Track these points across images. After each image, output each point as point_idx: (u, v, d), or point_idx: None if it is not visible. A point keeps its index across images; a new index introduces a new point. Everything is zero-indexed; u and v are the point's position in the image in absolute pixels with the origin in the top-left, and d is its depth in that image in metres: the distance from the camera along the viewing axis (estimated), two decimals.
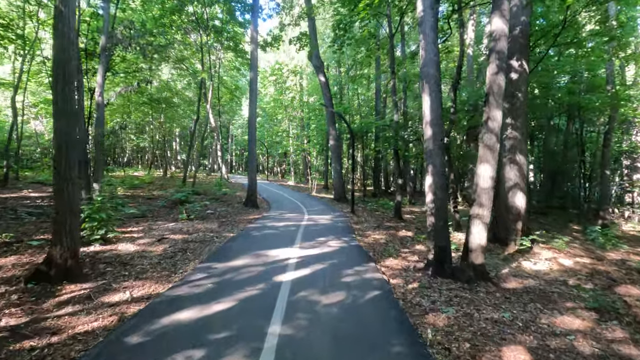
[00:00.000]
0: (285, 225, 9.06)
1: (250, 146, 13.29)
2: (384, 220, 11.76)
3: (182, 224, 8.41)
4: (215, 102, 22.67)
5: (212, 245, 6.35)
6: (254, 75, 13.22)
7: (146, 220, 8.89)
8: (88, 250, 5.59)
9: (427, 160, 5.76)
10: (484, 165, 5.28)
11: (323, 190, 24.96)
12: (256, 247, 6.28)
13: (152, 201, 12.96)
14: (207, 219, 9.45)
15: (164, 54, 18.97)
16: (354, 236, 8.27)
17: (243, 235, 7.54)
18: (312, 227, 9.14)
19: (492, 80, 5.34)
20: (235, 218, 10.12)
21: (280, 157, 46.27)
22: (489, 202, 5.32)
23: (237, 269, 4.92)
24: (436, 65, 5.75)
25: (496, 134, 5.28)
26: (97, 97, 6.67)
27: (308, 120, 31.26)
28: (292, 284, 4.33)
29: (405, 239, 8.65)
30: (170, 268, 4.94)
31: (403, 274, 5.49)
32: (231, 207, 12.68)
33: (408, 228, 10.48)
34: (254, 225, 8.91)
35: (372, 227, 10.19)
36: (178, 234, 7.04)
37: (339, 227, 9.55)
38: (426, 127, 5.75)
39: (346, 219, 11.35)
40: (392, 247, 7.46)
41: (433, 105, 5.67)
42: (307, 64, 33.30)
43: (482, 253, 5.36)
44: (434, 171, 5.64)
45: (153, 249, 5.86)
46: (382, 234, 8.99)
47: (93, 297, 3.75)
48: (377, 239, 8.32)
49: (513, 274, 6.24)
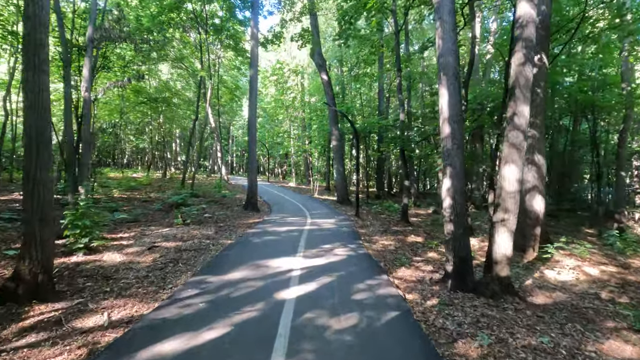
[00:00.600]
0: (287, 231, 8.51)
1: (251, 147, 12.76)
2: (391, 224, 11.19)
3: (176, 229, 7.86)
4: (215, 102, 22.15)
5: (208, 255, 5.79)
6: (254, 73, 12.69)
7: (139, 225, 8.35)
8: (69, 261, 5.04)
9: (445, 161, 5.20)
10: (509, 166, 4.72)
11: (325, 192, 24.41)
12: (256, 256, 5.72)
13: (148, 204, 12.43)
14: (204, 224, 8.90)
15: (162, 53, 18.51)
16: (361, 242, 7.71)
17: (242, 242, 6.98)
18: (316, 232, 8.58)
19: (518, 71, 4.79)
20: (234, 222, 9.56)
21: (281, 158, 45.75)
22: (515, 208, 4.76)
23: (234, 284, 4.36)
24: (455, 55, 5.20)
25: (523, 131, 4.72)
26: (83, 93, 6.16)
27: (309, 120, 30.73)
28: (297, 303, 3.78)
29: (415, 245, 8.08)
30: (159, 282, 4.39)
31: (419, 287, 4.92)
32: (230, 211, 12.13)
33: (417, 233, 9.91)
34: (254, 231, 8.35)
35: (379, 231, 9.63)
36: (171, 241, 6.49)
37: (344, 232, 8.99)
38: (444, 124, 5.19)
39: (351, 222, 10.79)
40: (403, 255, 6.89)
41: (451, 99, 5.11)
42: (308, 63, 32.80)
43: (508, 264, 4.79)
44: (452, 173, 5.08)
45: (142, 259, 5.31)
46: (391, 240, 8.43)
47: (64, 321, 3.20)
48: (386, 245, 7.76)
49: (538, 285, 5.67)
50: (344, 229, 9.47)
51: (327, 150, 27.59)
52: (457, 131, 5.11)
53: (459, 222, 5.04)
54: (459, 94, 5.19)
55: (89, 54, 6.15)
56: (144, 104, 18.38)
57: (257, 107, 40.43)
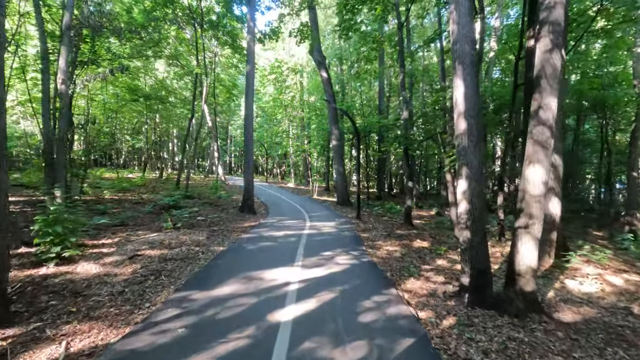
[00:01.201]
0: (284, 236, 7.93)
1: (247, 146, 12.18)
2: (394, 227, 10.64)
3: (165, 234, 7.28)
4: (212, 101, 21.56)
5: (196, 265, 5.21)
6: (250, 70, 12.12)
7: (125, 229, 7.76)
8: (37, 273, 4.46)
9: (460, 160, 4.64)
10: (534, 166, 4.17)
11: (324, 193, 23.85)
12: (249, 267, 5.15)
13: (140, 206, 11.84)
14: (196, 228, 8.32)
15: (156, 50, 17.94)
16: (364, 249, 7.15)
17: (234, 249, 6.40)
18: (316, 237, 8.01)
19: (545, 59, 4.23)
20: (229, 226, 8.99)
21: (280, 159, 45.16)
22: (541, 213, 4.21)
23: (222, 301, 3.79)
24: (471, 42, 4.64)
25: (550, 126, 4.16)
26: (59, 85, 5.59)
27: (308, 120, 30.17)
28: (294, 327, 3.21)
29: (422, 251, 7.52)
30: (135, 300, 3.81)
31: (432, 303, 4.36)
32: (225, 213, 11.55)
33: (422, 237, 9.35)
34: (249, 236, 7.77)
35: (382, 235, 9.07)
36: (156, 249, 5.90)
37: (346, 236, 8.42)
38: (459, 119, 4.63)
39: (352, 226, 10.23)
40: (410, 262, 6.33)
41: (468, 91, 4.55)
42: (307, 61, 32.26)
43: (533, 277, 4.23)
44: (469, 174, 4.52)
45: (120, 270, 4.73)
46: (395, 245, 7.87)
47: (8, 356, 2.62)
48: (391, 251, 7.20)
49: (562, 298, 5.12)
50: (345, 233, 8.90)
51: (326, 150, 27.04)
52: (474, 127, 4.55)
53: (476, 228, 4.48)
54: (476, 86, 4.64)
55: (66, 43, 5.59)
56: (136, 101, 17.76)
57: (254, 105, 39.80)
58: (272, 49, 32.69)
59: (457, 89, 4.66)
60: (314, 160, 31.22)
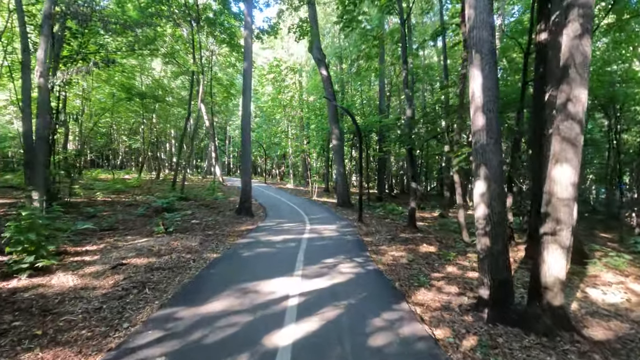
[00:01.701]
0: (283, 240, 7.47)
1: (244, 145, 11.71)
2: (398, 230, 10.18)
3: (155, 239, 6.80)
4: (209, 100, 21.10)
5: (185, 275, 4.74)
6: (247, 66, 11.66)
7: (114, 234, 7.28)
8: (6, 286, 3.98)
9: (477, 159, 4.19)
10: (561, 166, 3.72)
11: (324, 194, 23.40)
12: (244, 277, 4.68)
13: (133, 208, 11.36)
14: (189, 232, 7.84)
15: (152, 47, 17.47)
16: (368, 254, 6.69)
17: (229, 256, 5.93)
18: (316, 241, 7.55)
19: (573, 46, 3.78)
20: (224, 230, 8.51)
21: (278, 159, 44.70)
22: (570, 219, 3.76)
23: (212, 320, 3.32)
24: (490, 28, 4.20)
25: (580, 121, 3.71)
26: (37, 79, 5.12)
27: (308, 120, 29.74)
28: (294, 354, 2.75)
29: (429, 257, 7.07)
30: (113, 319, 3.34)
31: (447, 319, 3.91)
32: (221, 216, 11.07)
33: (428, 240, 8.89)
34: (245, 241, 7.30)
35: (386, 239, 8.62)
36: (144, 257, 5.43)
37: (348, 240, 7.96)
38: (476, 113, 4.18)
39: (354, 229, 9.78)
40: (418, 270, 5.87)
41: (487, 82, 4.11)
42: (306, 60, 31.85)
43: (562, 290, 3.78)
44: (488, 175, 4.07)
45: (100, 282, 4.26)
46: (401, 250, 7.42)
47: None
48: (397, 257, 6.74)
49: (588, 311, 4.67)
50: (347, 237, 8.44)
51: (325, 150, 26.61)
52: (493, 122, 4.10)
53: (496, 235, 4.03)
54: (495, 76, 4.19)
55: (46, 32, 5.12)
56: (131, 100, 17.28)
57: (252, 105, 39.34)
58: (270, 48, 32.26)
59: (474, 80, 4.21)
60: (313, 161, 30.78)
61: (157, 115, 31.97)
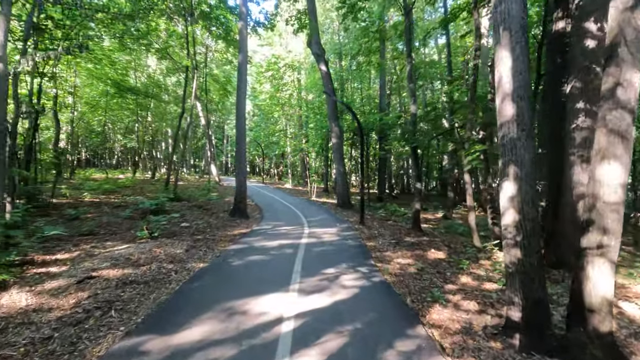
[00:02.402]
0: (279, 246, 6.81)
1: (239, 143, 11.04)
2: (402, 233, 9.54)
3: (137, 246, 6.14)
4: (204, 97, 20.41)
5: (163, 290, 4.09)
6: (242, 59, 11.00)
7: (92, 240, 6.62)
8: None
9: (506, 156, 3.56)
10: (609, 164, 3.08)
11: (323, 194, 22.76)
12: (231, 292, 4.04)
13: (121, 209, 10.70)
14: (176, 237, 7.19)
15: (144, 42, 16.81)
16: (373, 262, 6.05)
17: (217, 265, 5.28)
18: (315, 247, 6.90)
19: (624, 20, 3.14)
20: (216, 234, 7.86)
21: (277, 159, 44.02)
22: (619, 227, 3.12)
23: (186, 355, 2.67)
24: (522, 3, 3.56)
25: (632, 110, 3.07)
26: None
27: (306, 118, 29.08)
28: None
29: (440, 264, 6.43)
30: (62, 354, 2.68)
31: (471, 346, 3.27)
32: (214, 218, 10.41)
33: (435, 245, 8.25)
34: (237, 247, 6.64)
35: (391, 244, 7.98)
36: (119, 268, 4.77)
37: (350, 246, 7.32)
38: (504, 102, 3.55)
39: (356, 232, 9.14)
40: (430, 281, 5.24)
41: (517, 65, 3.47)
42: (305, 57, 31.18)
43: (610, 313, 3.15)
44: (519, 174, 3.44)
45: (59, 302, 3.60)
46: (408, 257, 6.78)
47: None
48: (404, 265, 6.10)
49: (630, 332, 4.04)
50: (349, 241, 7.80)
51: (324, 149, 25.97)
52: (525, 111, 3.46)
53: (530, 246, 3.39)
54: (527, 57, 3.54)
55: (5, 11, 4.46)
56: (121, 95, 16.63)
57: (250, 103, 38.55)
58: (268, 45, 31.58)
59: (502, 62, 3.57)
60: (312, 161, 30.13)
61: (152, 114, 31.31)
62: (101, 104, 24.47)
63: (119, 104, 24.07)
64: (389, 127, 20.37)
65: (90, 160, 41.65)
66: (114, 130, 37.46)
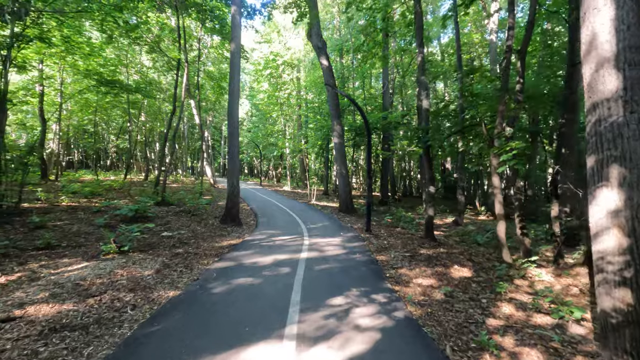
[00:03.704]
0: (274, 264, 5.64)
1: (231, 141, 9.87)
2: (415, 244, 8.38)
3: (98, 265, 4.97)
4: (196, 93, 19.25)
5: (106, 341, 2.90)
6: (235, 48, 9.86)
7: (46, 256, 5.44)
8: None
9: (600, 150, 2.43)
10: None
11: (323, 198, 21.60)
12: (203, 344, 2.87)
13: (100, 215, 9.53)
14: (152, 252, 6.01)
15: (133, 35, 15.69)
16: (390, 285, 4.89)
17: (191, 296, 4.10)
18: (318, 264, 5.74)
19: None
20: (200, 247, 6.68)
21: (275, 160, 42.85)
22: None
23: None
24: None
25: None
26: None
27: (306, 118, 27.97)
28: None
29: (469, 286, 5.27)
30: None
31: None
32: (203, 225, 9.24)
33: (456, 259, 7.09)
34: (223, 265, 5.47)
35: (405, 257, 6.83)
36: (56, 301, 3.58)
37: (359, 262, 6.15)
38: (600, 71, 2.41)
39: (363, 243, 7.98)
40: (465, 313, 4.07)
41: (622, 15, 2.35)
42: (304, 54, 30.12)
43: None
44: (625, 177, 2.30)
45: None
46: (428, 275, 5.63)
47: None
48: (427, 288, 4.95)
49: None
50: (356, 255, 6.64)
51: (325, 150, 24.85)
52: (636, 84, 2.33)
53: None
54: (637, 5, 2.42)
55: None
56: (108, 92, 15.51)
57: (248, 103, 37.22)
58: (266, 42, 30.50)
59: (595, 13, 2.43)
60: (311, 162, 29.01)
61: (145, 113, 30.18)
62: (91, 102, 23.36)
63: (111, 102, 22.96)
64: (394, 127, 19.27)
65: (84, 162, 40.46)
66: (108, 131, 36.31)
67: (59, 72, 19.87)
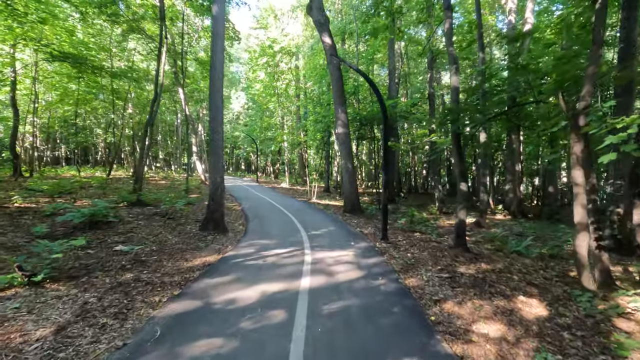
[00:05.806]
0: (260, 302, 3.74)
1: (214, 127, 7.90)
2: (447, 257, 6.51)
3: None
4: (181, 78, 17.20)
5: None
6: (218, 11, 7.88)
7: None
8: None
9: None
10: None
11: (325, 195, 19.71)
12: None
13: (50, 220, 7.66)
14: (83, 280, 4.11)
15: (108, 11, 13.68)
16: (446, 347, 3.03)
17: None
18: (327, 302, 3.85)
19: None
20: (161, 268, 4.78)
21: (273, 155, 40.83)
22: None
23: None
24: None
25: None
26: None
27: (305, 109, 25.95)
28: None
29: (557, 334, 3.39)
30: None
31: None
32: (177, 233, 7.33)
33: (512, 282, 5.21)
34: (179, 308, 3.56)
35: (443, 281, 4.97)
36: None
37: (385, 296, 4.25)
38: None
39: (381, 258, 6.10)
40: None
41: None
42: (303, 41, 28.00)
43: None
44: None
45: None
46: (490, 316, 3.76)
47: None
48: (501, 345, 3.08)
49: None
50: (379, 281, 4.74)
51: (325, 144, 22.90)
52: None
53: None
54: None
55: None
56: (71, 71, 13.54)
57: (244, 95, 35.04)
58: (262, 28, 28.37)
59: None
60: (311, 158, 27.04)
61: (133, 105, 28.16)
62: (70, 91, 21.35)
63: (91, 90, 20.94)
64: (404, 117, 17.37)
65: (74, 158, 38.35)
66: (97, 125, 34.17)
67: (32, 55, 17.85)
